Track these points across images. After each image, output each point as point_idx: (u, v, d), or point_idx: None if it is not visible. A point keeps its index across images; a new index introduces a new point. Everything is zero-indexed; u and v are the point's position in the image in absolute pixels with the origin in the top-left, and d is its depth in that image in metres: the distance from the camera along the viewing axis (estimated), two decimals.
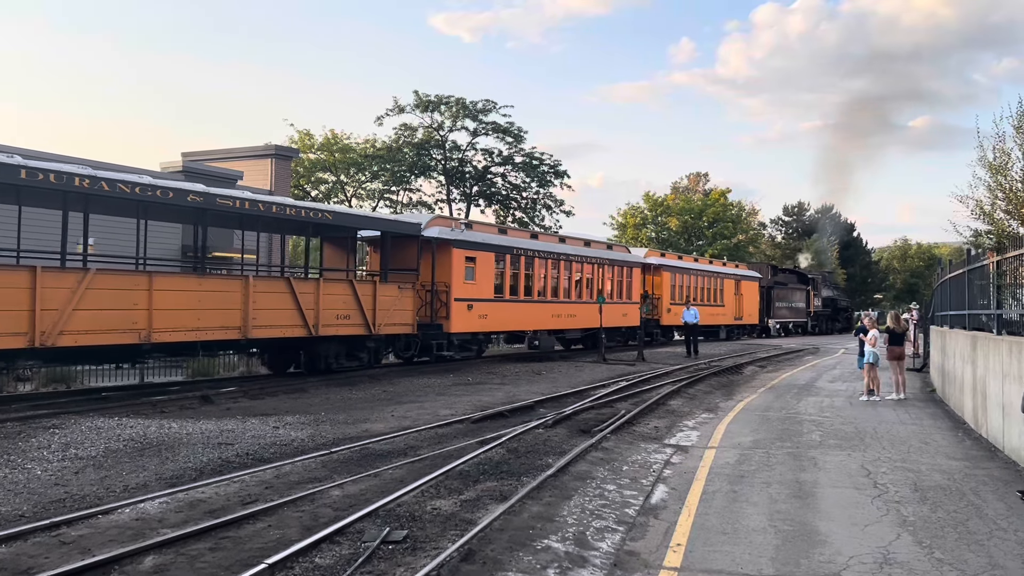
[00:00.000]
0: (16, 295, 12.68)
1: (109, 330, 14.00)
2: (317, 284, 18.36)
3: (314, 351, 18.78)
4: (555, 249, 27.75)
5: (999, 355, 10.93)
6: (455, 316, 22.31)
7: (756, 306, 45.25)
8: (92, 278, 13.80)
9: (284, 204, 18.21)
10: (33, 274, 13.03)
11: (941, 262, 26.20)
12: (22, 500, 7.68)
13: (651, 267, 35.12)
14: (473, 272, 23.19)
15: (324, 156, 47.13)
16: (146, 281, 14.80)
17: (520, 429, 11.69)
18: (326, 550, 6.30)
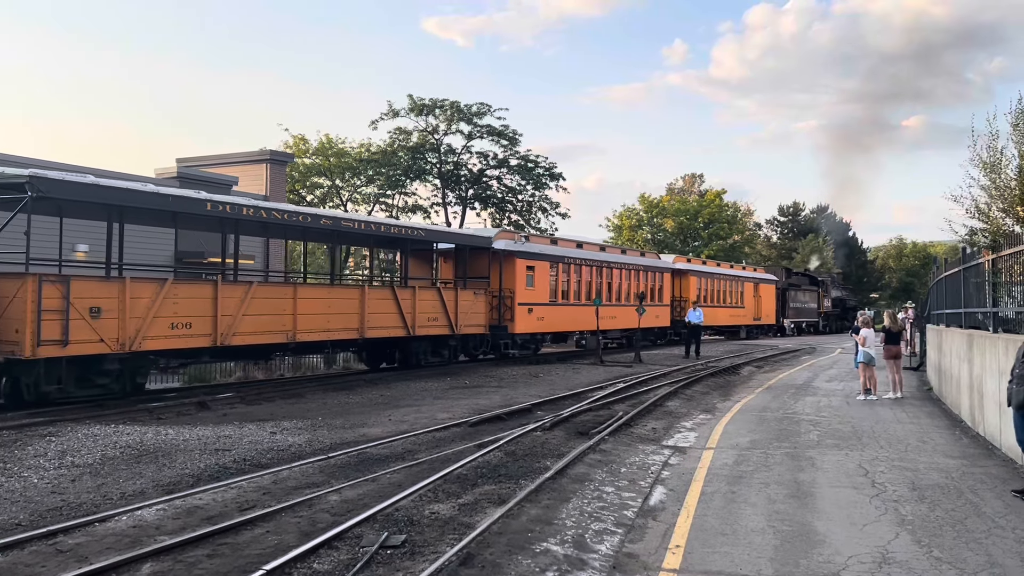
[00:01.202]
0: (204, 304, 15.69)
1: (266, 331, 16.97)
2: (413, 291, 21.37)
3: (407, 348, 21.75)
4: (597, 257, 30.40)
5: (995, 353, 10.95)
6: (518, 318, 25.04)
7: (773, 307, 47.70)
8: (255, 289, 16.85)
9: (381, 223, 22.13)
10: (215, 287, 16.05)
11: (937, 261, 26.25)
12: (19, 508, 7.65)
13: (679, 272, 37.61)
14: (532, 279, 25.83)
15: (319, 161, 47.09)
16: (292, 291, 17.90)
17: (518, 432, 11.68)
18: (324, 556, 6.28)
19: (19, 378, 13.43)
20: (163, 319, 14.95)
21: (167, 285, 15.17)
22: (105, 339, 13.97)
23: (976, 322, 13.24)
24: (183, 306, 15.34)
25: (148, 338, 14.68)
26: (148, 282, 15.22)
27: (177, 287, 15.44)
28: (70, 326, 13.35)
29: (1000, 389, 10.59)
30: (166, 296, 15.00)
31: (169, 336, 15.11)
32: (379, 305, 20.03)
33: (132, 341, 14.38)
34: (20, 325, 12.85)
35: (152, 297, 14.76)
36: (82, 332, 13.60)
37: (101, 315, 13.86)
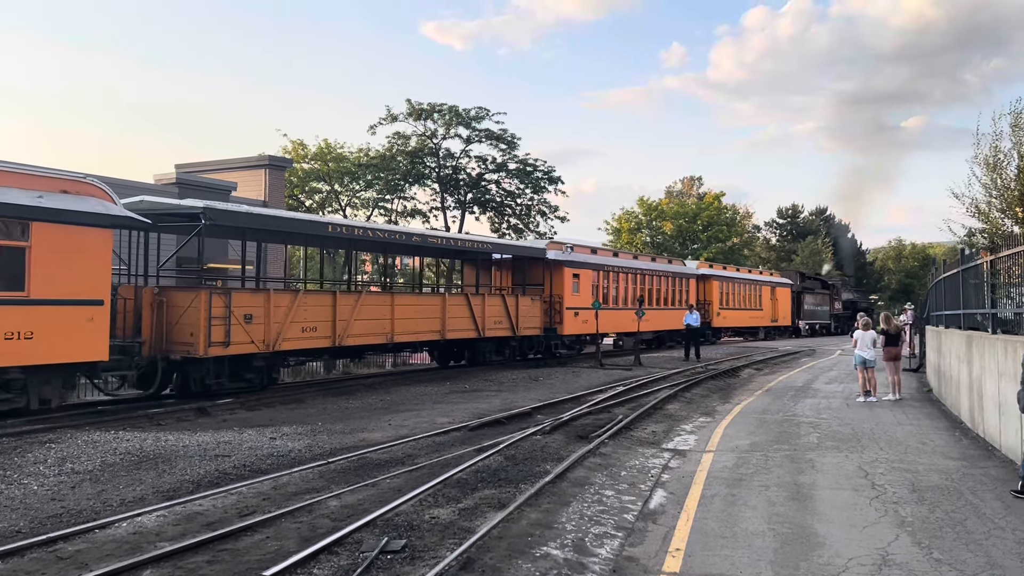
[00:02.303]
0: (325, 311, 18.45)
1: (372, 333, 19.81)
2: (483, 298, 24.01)
3: (476, 348, 24.50)
4: (631, 265, 33.25)
5: (994, 354, 10.96)
6: (567, 321, 27.50)
7: (788, 309, 50.20)
8: (363, 298, 19.81)
9: (454, 238, 25.54)
10: (334, 296, 18.95)
11: (936, 262, 26.28)
12: (19, 516, 7.65)
13: (703, 277, 39.90)
14: (578, 286, 28.36)
15: (318, 166, 47.10)
16: (390, 300, 20.83)
17: (518, 436, 11.68)
18: (324, 561, 6.28)
19: (189, 373, 15.93)
20: (296, 324, 17.65)
21: (300, 295, 18.14)
22: (255, 340, 16.66)
23: (975, 323, 13.25)
24: (311, 312, 18.07)
25: (285, 339, 17.44)
26: (285, 292, 18.65)
27: (306, 297, 18.33)
28: (231, 330, 15.99)
29: (999, 390, 10.60)
30: (299, 304, 17.77)
31: (300, 338, 17.84)
32: (456, 310, 22.78)
33: (274, 342, 17.12)
34: (194, 329, 15.37)
35: (288, 305, 17.54)
36: (239, 335, 16.22)
37: (252, 321, 16.55)
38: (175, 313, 15.53)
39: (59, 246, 12.91)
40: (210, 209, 15.90)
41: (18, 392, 12.90)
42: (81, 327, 13.27)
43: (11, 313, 12.32)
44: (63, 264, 13.02)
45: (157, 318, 15.51)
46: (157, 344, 15.43)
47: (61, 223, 12.91)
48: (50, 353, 12.89)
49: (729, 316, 41.73)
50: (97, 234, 13.53)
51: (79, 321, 13.23)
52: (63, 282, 13.03)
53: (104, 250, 13.72)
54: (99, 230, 13.56)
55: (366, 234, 20.48)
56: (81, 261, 13.30)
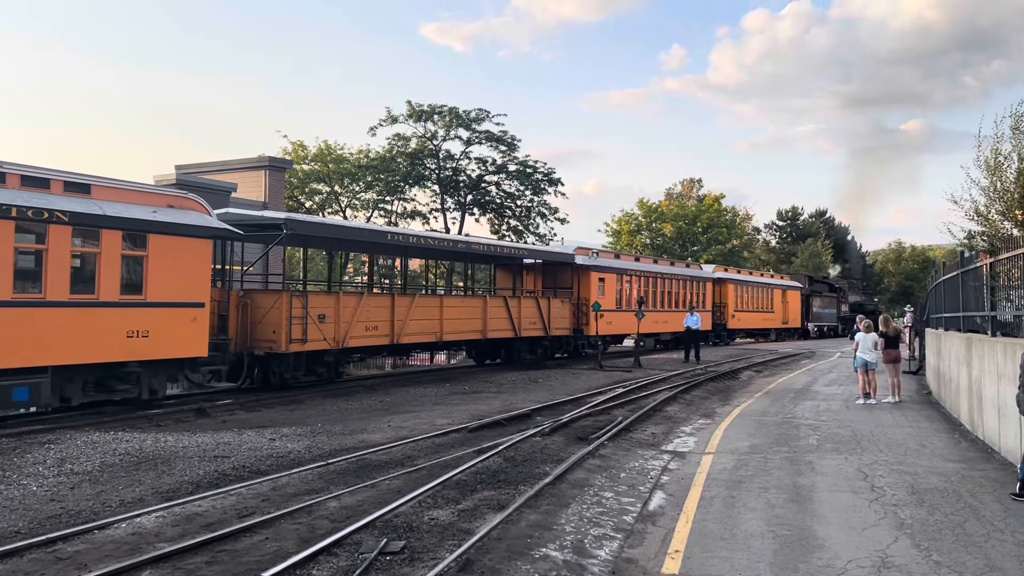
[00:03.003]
0: (385, 311, 20.36)
1: (424, 332, 21.66)
2: (519, 301, 25.71)
3: (511, 347, 26.13)
4: (650, 269, 35.02)
5: (994, 357, 10.96)
6: (593, 322, 28.73)
7: (798, 312, 52.00)
8: (417, 300, 21.77)
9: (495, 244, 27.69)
10: (392, 298, 20.79)
11: (935, 265, 26.26)
12: (18, 516, 7.65)
13: (719, 281, 41.51)
14: (603, 289, 30.04)
15: (318, 167, 47.08)
16: (439, 302, 23.08)
17: (517, 437, 11.68)
18: (323, 562, 6.28)
19: (269, 367, 17.74)
20: (361, 323, 19.39)
21: (364, 297, 20.03)
22: (327, 338, 18.37)
23: (975, 326, 13.25)
24: (373, 313, 19.91)
25: (352, 337, 19.15)
26: (352, 295, 20.29)
27: (369, 299, 20.24)
28: (308, 329, 17.67)
29: (999, 393, 10.60)
30: (363, 306, 19.55)
31: (364, 336, 19.60)
32: (496, 312, 24.49)
33: (342, 340, 18.82)
34: (277, 328, 17.15)
35: (355, 306, 19.27)
36: (314, 333, 17.91)
37: (325, 320, 18.27)
38: (259, 313, 17.35)
39: (169, 255, 14.59)
40: (290, 220, 18.19)
41: (134, 384, 14.45)
42: (186, 327, 14.95)
43: (132, 314, 14.07)
44: (172, 271, 14.67)
45: (242, 318, 17.27)
46: (242, 341, 17.14)
47: (171, 235, 14.64)
48: (162, 349, 14.60)
49: (743, 318, 43.52)
50: (199, 244, 15.26)
51: (185, 321, 14.92)
52: (172, 287, 14.70)
53: (205, 258, 15.48)
54: (201, 240, 15.30)
55: (418, 241, 23.04)
56: (186, 268, 14.94)
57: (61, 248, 12.99)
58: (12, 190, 12.68)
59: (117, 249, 13.79)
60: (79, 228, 13.28)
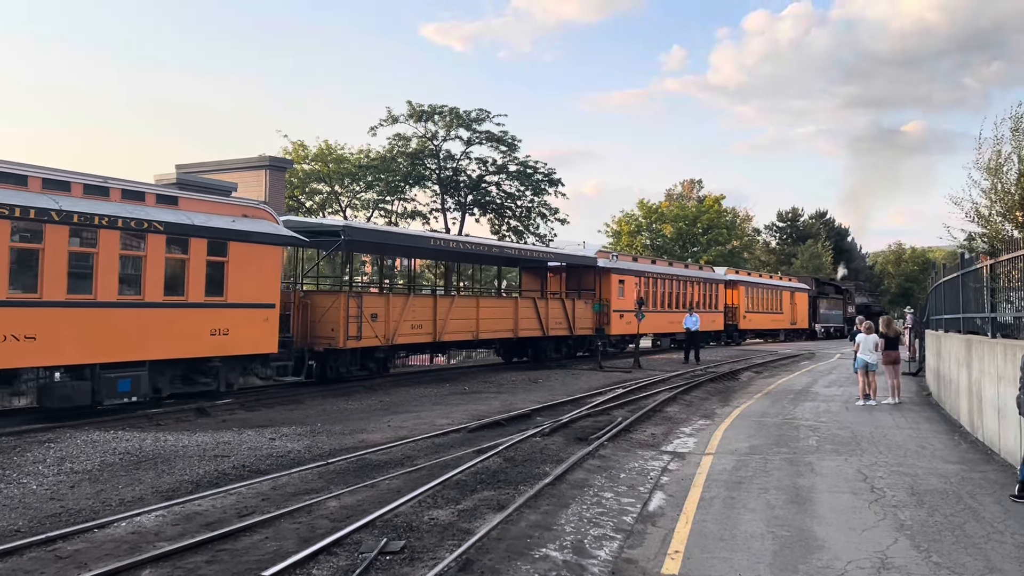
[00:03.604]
0: (428, 311, 22.03)
1: (462, 331, 23.28)
2: (547, 302, 27.32)
3: (538, 346, 27.41)
4: (666, 271, 36.39)
5: (994, 358, 10.96)
6: (613, 322, 30.56)
7: (806, 313, 53.51)
8: (456, 300, 23.51)
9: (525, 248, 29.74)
10: (434, 299, 22.74)
11: (935, 266, 26.26)
12: (18, 515, 7.65)
13: (731, 283, 42.69)
14: (623, 291, 31.51)
15: (318, 167, 47.06)
16: (475, 302, 24.36)
17: (517, 438, 11.68)
18: (323, 562, 6.28)
19: (327, 362, 19.27)
20: (407, 322, 21.09)
21: (410, 298, 21.85)
22: (378, 336, 20.06)
23: (975, 327, 13.25)
24: (417, 312, 21.60)
25: (399, 335, 20.84)
26: (400, 296, 22.37)
27: (415, 299, 22.07)
28: (362, 327, 19.30)
29: (998, 394, 10.61)
30: (409, 306, 21.29)
31: (409, 334, 21.32)
32: (526, 312, 26.12)
33: (391, 337, 20.53)
34: (335, 326, 18.79)
35: (402, 307, 21.02)
36: (367, 330, 19.57)
37: (377, 319, 19.95)
38: (318, 312, 18.97)
39: (245, 260, 16.07)
40: (348, 227, 20.21)
41: (213, 377, 15.89)
42: (260, 325, 16.46)
43: (215, 314, 15.54)
44: (248, 275, 16.12)
45: (302, 317, 18.78)
46: (302, 338, 18.61)
47: (248, 242, 16.11)
48: (240, 346, 16.08)
49: (754, 319, 45.01)
50: (271, 250, 16.83)
51: (259, 321, 16.42)
52: (248, 289, 16.16)
53: (275, 263, 17.08)
54: (272, 247, 16.87)
55: (457, 246, 24.89)
56: (260, 272, 16.44)
57: (157, 254, 14.51)
58: (115, 203, 14.06)
59: (203, 255, 15.27)
60: (171, 237, 14.72)
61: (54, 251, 12.87)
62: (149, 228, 14.24)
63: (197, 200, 15.78)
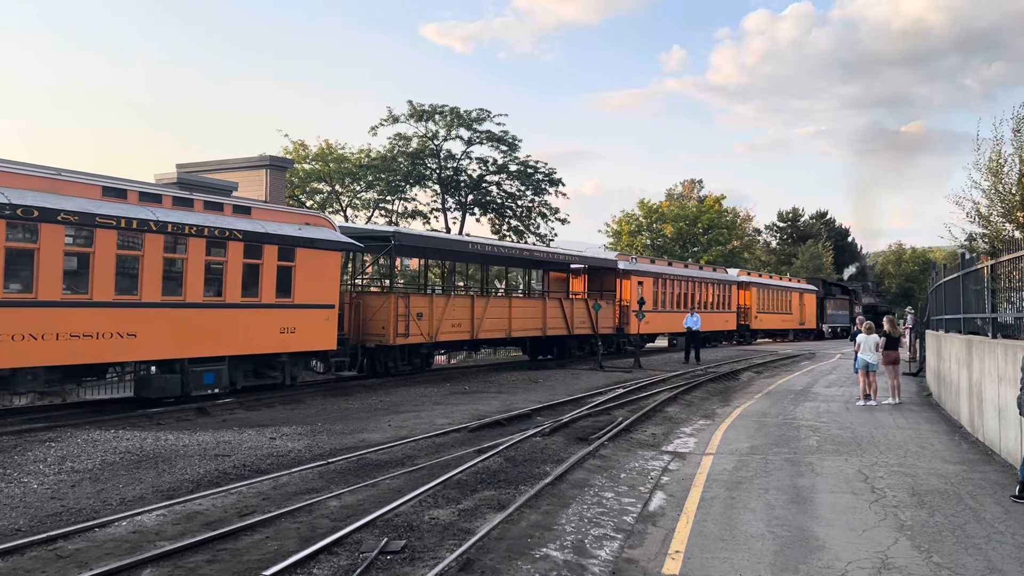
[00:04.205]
0: (466, 311, 23.50)
1: (497, 329, 24.86)
2: (572, 302, 29.09)
3: (564, 344, 28.91)
4: (683, 273, 38.02)
5: (994, 358, 10.96)
6: (632, 322, 31.31)
7: (814, 313, 55.22)
8: (491, 301, 25.04)
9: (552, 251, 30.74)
10: (472, 300, 23.99)
11: (936, 266, 26.26)
12: (18, 514, 7.65)
13: (743, 284, 44.23)
14: (641, 291, 32.32)
15: (319, 166, 47.04)
16: (508, 303, 25.98)
17: (518, 437, 11.68)
18: (324, 561, 6.28)
19: (377, 357, 21.03)
20: (448, 320, 22.53)
21: (451, 298, 23.37)
22: (423, 333, 21.56)
23: (975, 328, 13.25)
24: (457, 312, 23.06)
25: (441, 333, 22.32)
26: (441, 296, 24.08)
27: (454, 300, 23.43)
28: (410, 325, 20.79)
29: (999, 394, 10.60)
30: (450, 305, 22.80)
31: (450, 332, 22.76)
32: (553, 312, 27.59)
33: (435, 334, 22.02)
34: (385, 324, 20.44)
35: (444, 306, 22.50)
36: (414, 328, 21.06)
37: (422, 318, 21.41)
38: (369, 312, 20.65)
39: (310, 265, 17.46)
40: (398, 233, 21.91)
41: (280, 371, 17.27)
42: (322, 324, 17.90)
43: (284, 314, 16.97)
44: (312, 278, 17.51)
45: (355, 315, 20.46)
46: (355, 336, 20.29)
47: (311, 248, 17.56)
48: (305, 343, 17.57)
49: (765, 319, 46.54)
50: (331, 255, 18.31)
51: (320, 320, 17.85)
52: (312, 291, 17.54)
53: (335, 267, 18.53)
54: (332, 252, 18.32)
55: (493, 249, 26.89)
56: (322, 275, 17.82)
57: (236, 260, 15.92)
58: (199, 213, 15.50)
59: (274, 260, 16.70)
60: (248, 244, 16.12)
61: (151, 257, 14.35)
62: (230, 236, 15.70)
63: (267, 210, 17.51)
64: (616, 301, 31.65)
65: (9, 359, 12.31)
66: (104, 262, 13.55)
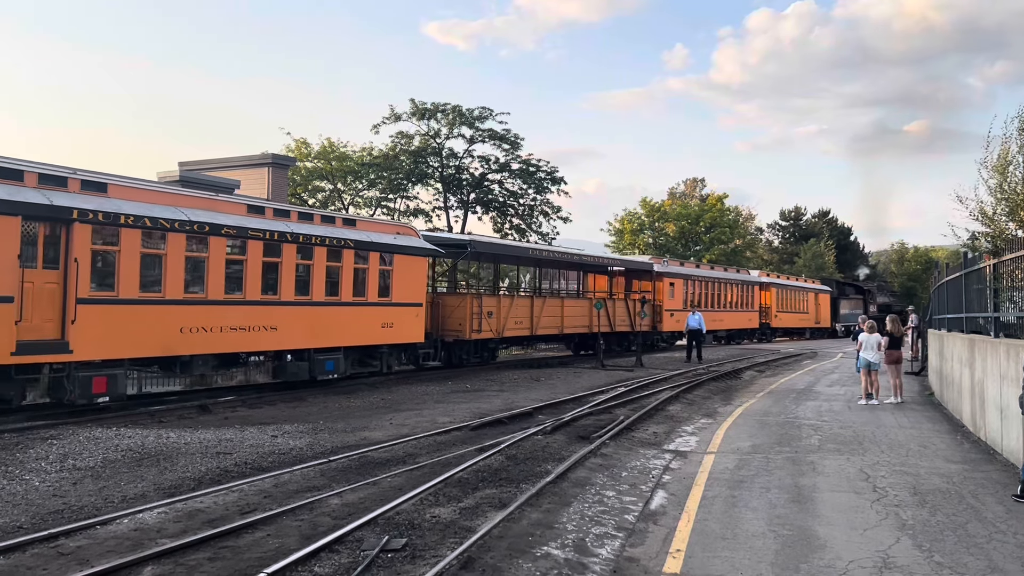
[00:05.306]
0: (527, 310, 26.32)
1: (551, 327, 27.57)
2: (614, 302, 31.84)
3: (606, 340, 30.01)
4: (709, 274, 40.44)
5: (997, 358, 10.94)
6: (665, 321, 34.74)
7: (828, 313, 57.46)
8: (547, 301, 27.90)
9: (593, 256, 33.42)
10: (532, 299, 26.99)
11: (938, 266, 26.23)
12: (20, 511, 7.66)
13: (764, 285, 46.75)
14: (672, 292, 35.59)
15: (321, 164, 47.05)
16: (560, 303, 28.74)
17: (519, 436, 11.68)
18: (325, 559, 6.29)
19: (453, 350, 23.52)
20: (512, 318, 25.26)
21: (515, 299, 26.53)
22: (492, 330, 24.16)
23: (978, 327, 13.23)
24: (520, 311, 25.87)
25: (507, 329, 25.02)
26: (507, 296, 27.18)
27: (518, 300, 26.52)
28: (482, 322, 23.55)
29: (1001, 394, 10.59)
30: (514, 305, 25.72)
31: (514, 328, 25.55)
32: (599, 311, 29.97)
33: (501, 331, 24.65)
34: (462, 321, 23.22)
35: (509, 306, 25.38)
36: (485, 325, 23.72)
37: (492, 316, 24.09)
38: (448, 310, 23.37)
39: (403, 268, 20.22)
40: (474, 240, 25.76)
41: (379, 361, 19.89)
42: (412, 320, 20.64)
43: (385, 311, 19.66)
44: (405, 280, 20.27)
45: (434, 314, 22.88)
46: (435, 331, 22.69)
47: (405, 254, 20.31)
48: (401, 336, 20.32)
49: (783, 318, 48.81)
50: (420, 260, 21.20)
51: (412, 316, 20.60)
52: (405, 291, 20.24)
53: (422, 270, 21.52)
54: (421, 258, 21.19)
55: (548, 255, 29.71)
56: (413, 278, 20.62)
57: (349, 265, 18.49)
58: (318, 225, 18.11)
59: (376, 265, 19.39)
60: (358, 251, 18.75)
61: (287, 263, 17.02)
62: (344, 244, 18.35)
63: (368, 222, 21.22)
64: (652, 301, 33.96)
65: (189, 347, 15.01)
66: (253, 268, 16.27)
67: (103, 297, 13.63)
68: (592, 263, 32.93)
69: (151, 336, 14.31)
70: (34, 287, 12.70)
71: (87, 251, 13.31)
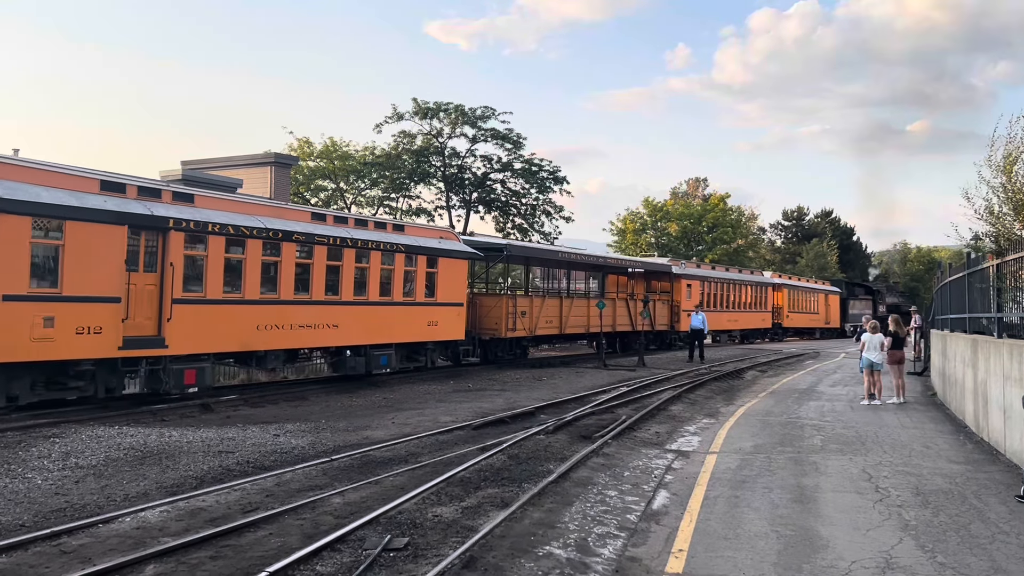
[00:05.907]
0: (556, 310, 27.56)
1: (578, 326, 28.84)
2: (635, 301, 32.73)
3: (626, 338, 32.57)
4: (724, 276, 41.71)
5: (1000, 358, 10.92)
6: (682, 320, 35.23)
7: (838, 313, 58.81)
8: (574, 301, 29.46)
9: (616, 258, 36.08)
10: (561, 300, 28.48)
11: (941, 266, 26.20)
12: (22, 509, 7.67)
13: (777, 286, 48.38)
14: (691, 293, 36.93)
15: (323, 164, 47.07)
16: (587, 303, 29.94)
17: (521, 435, 11.67)
18: (327, 558, 6.29)
19: (489, 347, 24.92)
20: (543, 317, 26.54)
21: (545, 299, 27.55)
22: (526, 328, 25.48)
23: (981, 327, 13.21)
24: (549, 311, 27.16)
25: (539, 328, 26.32)
26: (538, 297, 28.19)
27: (548, 300, 27.68)
28: (516, 321, 24.81)
29: (1004, 394, 10.57)
30: (545, 305, 26.94)
31: (545, 327, 26.81)
32: (621, 311, 31.80)
33: (534, 329, 26.00)
34: (498, 320, 24.48)
35: (540, 306, 26.60)
36: (518, 324, 25.03)
37: (525, 316, 25.36)
38: (484, 310, 24.67)
39: (446, 270, 21.64)
40: (510, 245, 27.33)
41: (424, 356, 21.33)
42: (455, 319, 22.05)
43: (430, 310, 21.10)
44: (448, 281, 21.68)
45: (472, 313, 23.93)
46: (472, 329, 23.81)
47: (448, 257, 21.80)
48: (444, 333, 21.73)
49: (795, 318, 50.28)
50: (461, 263, 22.67)
51: (454, 315, 22.02)
52: (448, 292, 21.67)
53: (463, 272, 22.90)
54: (462, 260, 22.66)
55: (575, 257, 30.66)
56: (455, 279, 22.06)
57: (399, 267, 20.01)
58: (371, 231, 19.66)
59: (423, 267, 20.86)
60: (407, 255, 20.22)
61: (347, 266, 18.39)
62: (396, 249, 19.76)
63: (414, 227, 23.28)
64: (670, 301, 35.67)
65: (264, 343, 16.56)
66: (318, 270, 17.67)
67: (193, 297, 15.04)
68: (615, 265, 34.92)
69: (232, 332, 15.80)
70: (137, 288, 14.08)
71: (180, 256, 14.73)
